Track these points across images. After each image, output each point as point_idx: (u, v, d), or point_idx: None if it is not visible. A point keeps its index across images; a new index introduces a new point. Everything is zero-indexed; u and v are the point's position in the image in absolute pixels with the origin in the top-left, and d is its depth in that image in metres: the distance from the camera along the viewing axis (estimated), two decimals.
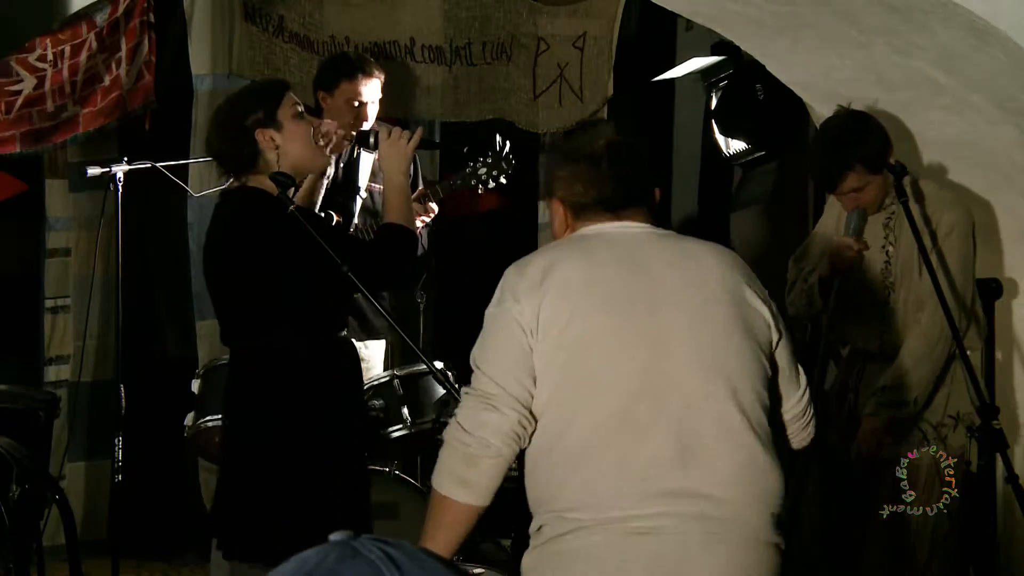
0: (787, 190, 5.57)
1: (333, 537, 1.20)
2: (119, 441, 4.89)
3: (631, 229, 2.70)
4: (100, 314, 5.67)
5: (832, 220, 4.00)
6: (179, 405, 4.62)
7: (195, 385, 4.52)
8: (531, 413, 2.53)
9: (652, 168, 2.86)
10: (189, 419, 4.47)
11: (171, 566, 5.65)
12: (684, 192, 6.60)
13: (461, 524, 2.56)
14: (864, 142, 3.78)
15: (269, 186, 3.37)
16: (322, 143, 3.53)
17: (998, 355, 3.98)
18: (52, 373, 5.78)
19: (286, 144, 3.39)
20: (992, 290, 3.80)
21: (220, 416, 3.80)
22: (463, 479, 2.53)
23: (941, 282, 3.57)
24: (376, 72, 4.92)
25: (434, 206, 4.60)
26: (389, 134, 3.55)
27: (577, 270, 2.60)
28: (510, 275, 2.63)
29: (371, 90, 4.87)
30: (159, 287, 5.95)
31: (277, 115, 3.40)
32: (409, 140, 3.53)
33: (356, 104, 4.84)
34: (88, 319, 5.48)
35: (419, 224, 4.36)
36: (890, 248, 3.83)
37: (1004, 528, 4.00)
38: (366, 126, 4.85)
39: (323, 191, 4.33)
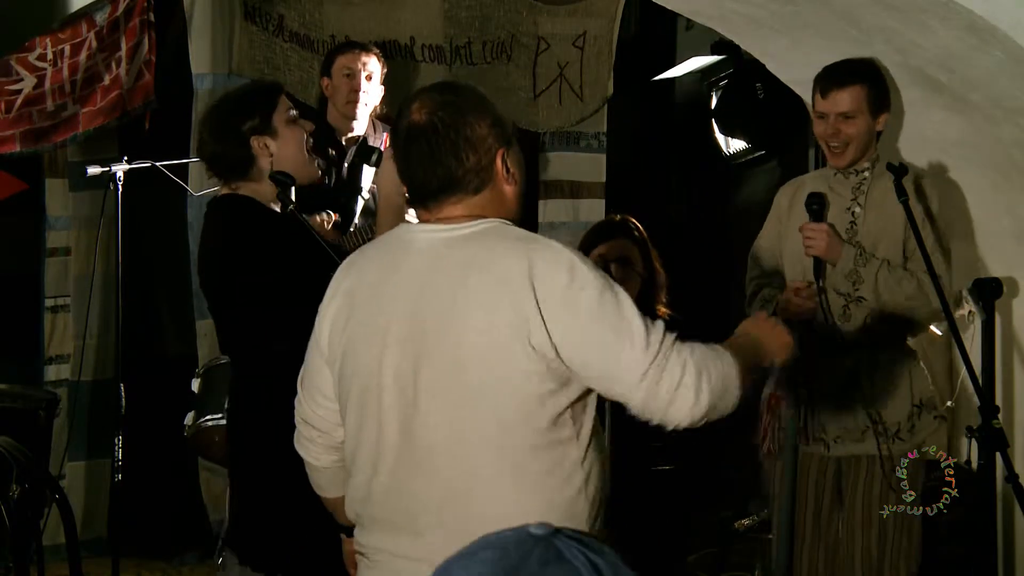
0: None
1: (533, 530, 1.13)
2: (119, 440, 4.89)
3: (429, 234, 2.38)
4: (100, 313, 5.68)
5: (783, 215, 3.95)
6: (179, 404, 4.61)
7: (195, 384, 4.52)
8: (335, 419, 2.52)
9: (453, 152, 2.34)
10: (189, 418, 4.47)
11: (171, 565, 5.65)
12: (683, 192, 6.61)
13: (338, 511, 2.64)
14: (876, 74, 3.79)
15: (260, 193, 3.35)
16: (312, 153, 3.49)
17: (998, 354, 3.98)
18: (52, 372, 5.79)
19: (280, 150, 3.35)
20: (992, 289, 3.80)
21: (220, 415, 3.78)
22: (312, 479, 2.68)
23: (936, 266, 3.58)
24: (372, 50, 4.97)
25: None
26: (392, 156, 3.55)
27: (355, 286, 2.45)
28: None
29: (365, 62, 4.88)
30: (159, 286, 5.96)
31: (272, 121, 3.36)
32: None
33: (348, 74, 4.86)
34: (88, 318, 5.48)
35: None
36: (856, 209, 3.79)
37: (1004, 527, 4.00)
38: (366, 105, 4.85)
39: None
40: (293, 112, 3.44)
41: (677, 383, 2.24)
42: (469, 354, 2.28)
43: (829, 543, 3.81)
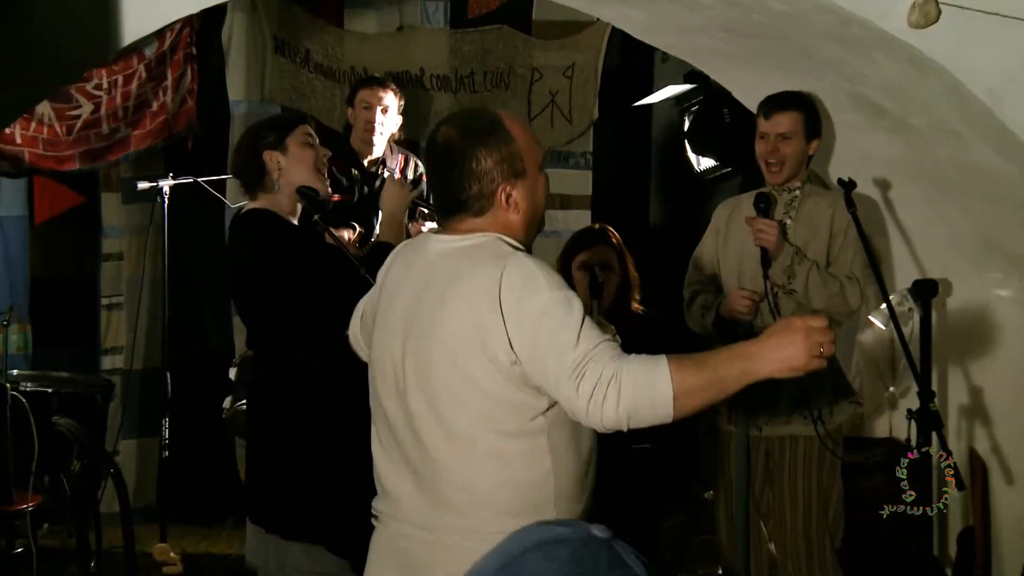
0: None
1: (597, 532, 1.03)
2: (166, 422, 4.90)
3: (438, 244, 2.37)
4: (149, 310, 5.68)
5: (721, 228, 3.96)
6: (218, 390, 4.62)
7: (232, 372, 4.52)
8: None
9: (459, 178, 2.31)
10: (227, 402, 4.48)
11: (211, 530, 5.65)
12: (660, 205, 6.61)
13: None
14: (812, 104, 3.82)
15: (277, 204, 3.35)
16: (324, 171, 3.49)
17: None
18: (108, 362, 5.79)
19: (289, 167, 3.35)
20: (929, 289, 3.80)
21: None
22: None
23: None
24: (390, 85, 4.89)
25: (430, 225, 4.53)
26: (394, 181, 3.59)
27: (387, 276, 2.50)
28: None
29: (382, 97, 4.82)
30: (200, 287, 5.96)
31: (286, 141, 3.37)
32: (411, 189, 3.57)
33: (366, 107, 4.82)
34: (138, 315, 5.49)
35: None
36: (788, 221, 3.81)
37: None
38: (380, 134, 4.82)
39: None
40: (311, 139, 3.44)
41: (590, 392, 2.12)
42: (440, 357, 2.27)
43: (762, 514, 3.81)
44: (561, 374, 2.15)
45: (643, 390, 2.11)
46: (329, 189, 3.51)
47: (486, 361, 2.21)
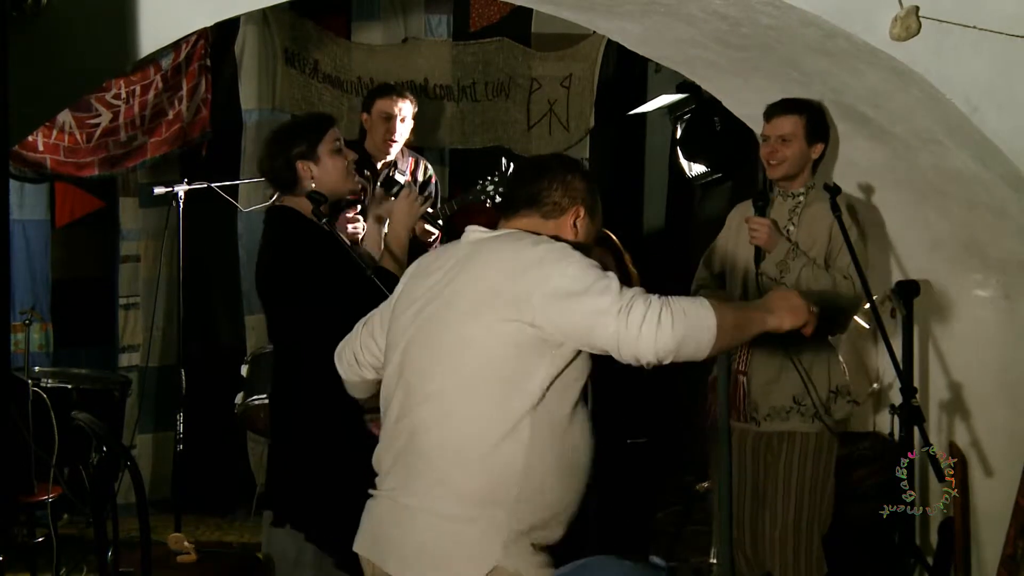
0: None
1: (655, 560, 1.02)
2: (180, 416, 4.90)
3: (470, 234, 2.49)
4: (164, 310, 5.69)
5: (733, 227, 4.00)
6: (230, 386, 4.62)
7: (244, 370, 4.52)
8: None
9: (549, 179, 2.49)
10: (239, 398, 4.48)
11: (223, 520, 5.66)
12: (654, 208, 6.61)
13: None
14: (816, 110, 3.83)
15: (300, 204, 3.35)
16: (354, 174, 3.50)
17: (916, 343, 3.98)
18: (125, 359, 5.80)
19: (321, 175, 3.34)
20: (911, 290, 3.81)
21: (265, 395, 3.76)
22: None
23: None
24: (406, 95, 4.88)
25: (435, 229, 4.53)
26: (408, 194, 3.56)
27: (415, 267, 2.59)
28: None
29: (400, 107, 4.80)
30: (214, 287, 5.97)
31: (317, 150, 3.35)
32: (421, 204, 3.56)
33: (386, 117, 4.81)
34: (154, 314, 5.50)
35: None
36: (791, 227, 3.81)
37: (920, 489, 4.01)
38: (398, 143, 4.81)
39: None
40: (338, 142, 3.43)
41: (641, 320, 2.21)
42: (443, 328, 2.36)
43: (758, 505, 3.81)
44: (606, 311, 2.23)
45: (693, 318, 2.23)
46: (359, 187, 3.50)
47: (498, 321, 2.26)
